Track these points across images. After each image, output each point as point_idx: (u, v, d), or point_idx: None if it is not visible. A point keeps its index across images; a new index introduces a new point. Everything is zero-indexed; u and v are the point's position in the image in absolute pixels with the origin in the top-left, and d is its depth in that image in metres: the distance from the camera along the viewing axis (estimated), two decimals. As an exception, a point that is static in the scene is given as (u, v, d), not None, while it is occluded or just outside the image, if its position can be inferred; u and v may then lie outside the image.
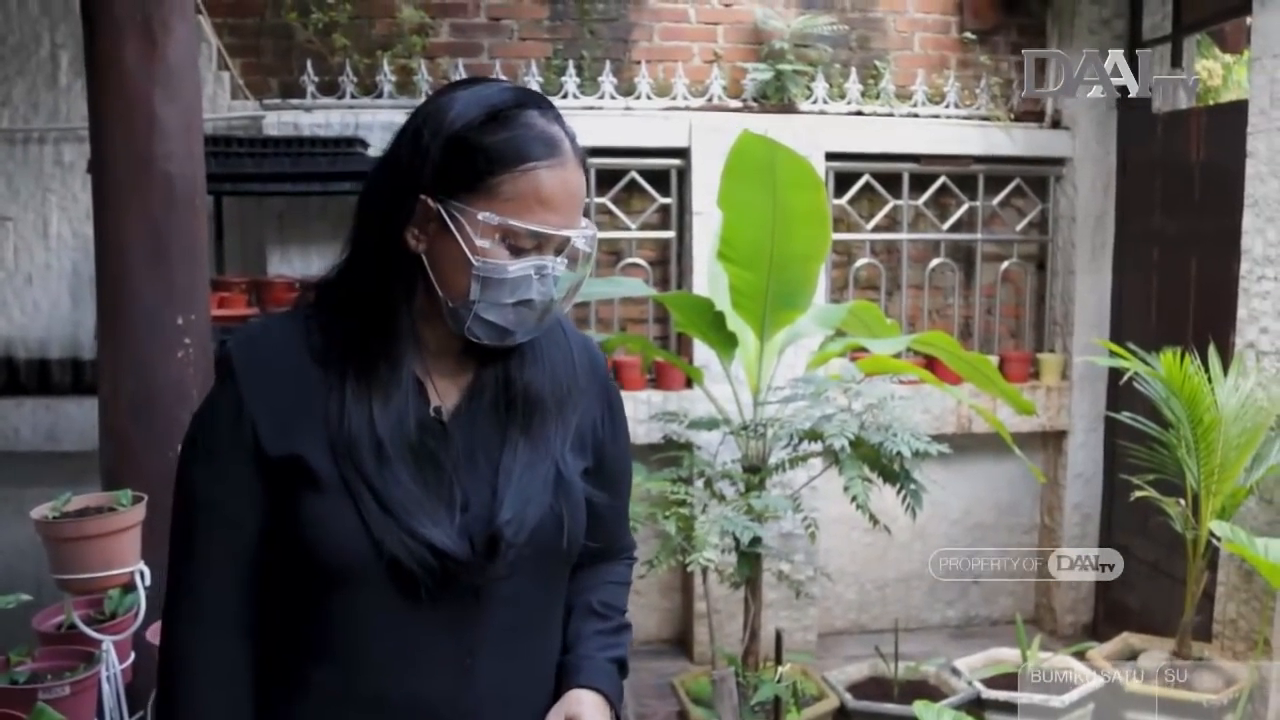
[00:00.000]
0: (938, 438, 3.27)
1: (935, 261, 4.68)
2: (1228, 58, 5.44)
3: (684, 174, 4.36)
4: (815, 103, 4.45)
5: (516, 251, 1.13)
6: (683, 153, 4.33)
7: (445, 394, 1.20)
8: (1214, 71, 5.56)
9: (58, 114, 3.98)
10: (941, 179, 4.59)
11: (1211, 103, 5.21)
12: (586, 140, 1.20)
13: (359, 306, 1.16)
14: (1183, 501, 3.37)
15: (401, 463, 1.13)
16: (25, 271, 4.03)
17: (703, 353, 3.91)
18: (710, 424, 3.53)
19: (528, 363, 1.21)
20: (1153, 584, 4.26)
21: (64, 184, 4.00)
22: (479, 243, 1.11)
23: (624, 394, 2.31)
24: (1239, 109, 3.70)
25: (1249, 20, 3.77)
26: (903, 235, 4.62)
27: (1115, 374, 4.28)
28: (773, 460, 3.47)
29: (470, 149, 1.12)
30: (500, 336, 1.16)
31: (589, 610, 1.31)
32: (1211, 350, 3.44)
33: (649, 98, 4.37)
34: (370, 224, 1.17)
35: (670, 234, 4.44)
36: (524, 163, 1.11)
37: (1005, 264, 4.77)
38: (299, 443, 1.13)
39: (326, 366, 1.15)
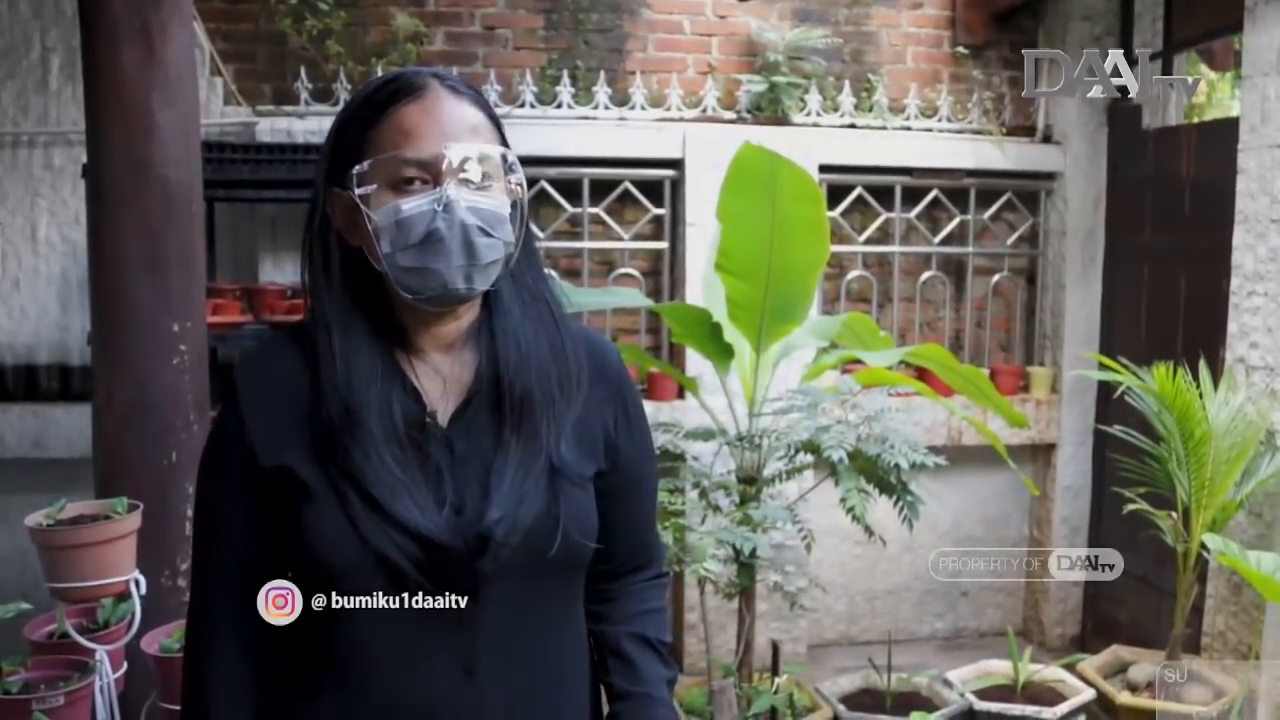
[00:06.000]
0: (929, 450, 3.28)
1: (926, 274, 4.71)
2: (1214, 74, 5.50)
3: (678, 185, 4.37)
4: (809, 115, 4.46)
5: (405, 192, 1.13)
6: (677, 164, 4.33)
7: (441, 399, 1.20)
8: (1200, 88, 5.61)
9: (48, 118, 3.94)
10: (933, 192, 4.61)
11: (1199, 119, 5.26)
12: (580, 150, 1.21)
13: (326, 313, 1.18)
14: (1174, 514, 3.40)
15: (386, 448, 1.13)
16: (13, 276, 3.98)
17: (695, 364, 3.91)
18: (706, 435, 3.53)
19: (512, 359, 1.20)
20: (1140, 597, 4.28)
21: (53, 188, 3.96)
22: (368, 194, 1.13)
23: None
24: (1229, 126, 3.74)
25: (1238, 38, 3.81)
26: (894, 248, 4.64)
27: (1104, 388, 4.31)
28: (768, 471, 3.47)
29: (344, 128, 1.18)
30: (434, 284, 1.14)
31: (648, 645, 1.31)
32: (1202, 365, 3.47)
33: (643, 108, 4.37)
34: (308, 229, 1.21)
35: (663, 245, 4.44)
36: (383, 112, 1.15)
37: (996, 277, 4.79)
38: (289, 453, 1.14)
39: (316, 374, 1.16)
